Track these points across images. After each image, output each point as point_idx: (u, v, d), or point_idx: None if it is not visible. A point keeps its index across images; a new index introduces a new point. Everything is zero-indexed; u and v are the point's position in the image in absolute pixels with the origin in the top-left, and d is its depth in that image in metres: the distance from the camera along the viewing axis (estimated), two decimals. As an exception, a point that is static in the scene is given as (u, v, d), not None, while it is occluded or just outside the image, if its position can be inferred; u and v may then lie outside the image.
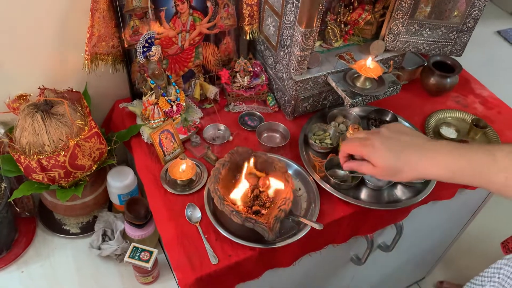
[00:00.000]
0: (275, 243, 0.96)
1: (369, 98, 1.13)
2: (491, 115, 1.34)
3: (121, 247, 1.16)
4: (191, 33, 1.17)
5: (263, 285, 1.14)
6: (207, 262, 0.94)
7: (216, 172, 1.00)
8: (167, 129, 1.11)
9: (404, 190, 1.10)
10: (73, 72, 1.16)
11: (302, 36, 1.03)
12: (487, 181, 0.77)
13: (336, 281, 1.46)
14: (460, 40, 1.19)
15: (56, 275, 1.16)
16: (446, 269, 2.07)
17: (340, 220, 1.05)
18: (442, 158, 0.80)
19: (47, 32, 1.08)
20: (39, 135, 1.00)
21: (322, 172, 1.09)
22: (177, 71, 1.23)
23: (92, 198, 1.18)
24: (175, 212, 1.03)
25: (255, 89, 1.25)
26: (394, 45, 1.20)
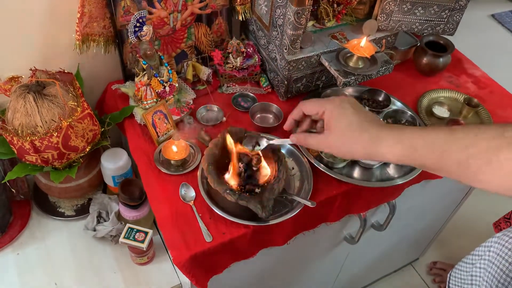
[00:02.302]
0: (269, 220, 0.97)
1: (362, 78, 1.13)
2: (483, 94, 1.34)
3: (116, 228, 1.16)
4: (183, 13, 1.16)
5: (257, 265, 1.15)
6: (202, 240, 0.95)
7: (209, 152, 1.01)
8: (160, 110, 1.11)
9: (397, 168, 1.11)
10: (65, 54, 1.15)
11: (294, 14, 1.03)
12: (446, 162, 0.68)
13: (330, 261, 1.47)
14: (453, 19, 1.19)
15: (51, 257, 1.17)
16: (440, 249, 2.09)
17: (333, 198, 1.06)
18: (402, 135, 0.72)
19: (37, 12, 1.07)
20: (32, 116, 1.00)
21: (315, 152, 1.10)
22: (170, 52, 1.22)
23: (86, 180, 1.18)
24: (169, 192, 1.03)
25: (248, 70, 1.25)
26: (387, 24, 1.20)
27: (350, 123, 0.75)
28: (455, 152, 0.66)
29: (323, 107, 0.79)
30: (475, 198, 1.75)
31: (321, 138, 0.79)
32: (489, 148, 0.63)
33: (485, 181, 0.66)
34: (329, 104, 0.78)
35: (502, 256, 1.03)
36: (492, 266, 1.03)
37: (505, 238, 0.99)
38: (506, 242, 1.01)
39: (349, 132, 0.75)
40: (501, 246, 1.03)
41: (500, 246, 1.04)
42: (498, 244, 1.04)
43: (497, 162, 0.63)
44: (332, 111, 0.77)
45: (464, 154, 0.66)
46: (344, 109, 0.77)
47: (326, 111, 0.78)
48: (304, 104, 0.83)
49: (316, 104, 0.81)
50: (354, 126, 0.75)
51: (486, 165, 0.64)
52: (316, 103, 0.81)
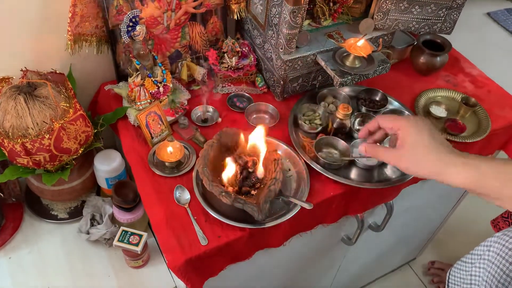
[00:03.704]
0: (265, 223, 0.95)
1: (359, 77, 1.12)
2: (481, 93, 1.33)
3: (110, 231, 1.15)
4: (177, 13, 1.15)
5: (253, 267, 1.14)
6: (197, 244, 0.93)
7: (204, 153, 0.99)
8: (154, 111, 1.09)
9: (394, 169, 1.10)
10: (57, 54, 1.13)
11: (290, 13, 1.02)
12: None
13: (327, 262, 1.46)
14: (450, 17, 1.17)
15: (44, 260, 1.15)
16: (437, 249, 2.09)
17: (330, 200, 1.05)
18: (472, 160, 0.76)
19: (28, 11, 1.05)
20: (23, 118, 0.98)
21: (311, 153, 1.09)
22: (163, 52, 1.20)
23: (79, 183, 1.17)
24: (164, 195, 1.02)
25: (243, 70, 1.23)
26: (384, 23, 1.19)
27: (423, 144, 0.78)
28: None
29: (399, 124, 0.83)
30: (471, 198, 1.74)
31: (392, 153, 0.83)
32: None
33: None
34: (406, 122, 0.82)
35: (502, 256, 1.03)
36: (492, 266, 1.02)
37: (505, 238, 0.99)
38: (507, 242, 1.00)
39: (420, 152, 0.78)
40: (501, 245, 1.03)
41: (500, 246, 1.03)
42: (498, 243, 1.03)
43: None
44: (408, 130, 0.81)
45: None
46: (420, 129, 0.80)
47: (401, 129, 0.82)
48: (382, 118, 0.87)
49: (393, 120, 0.84)
50: (426, 148, 0.78)
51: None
52: (393, 120, 0.85)
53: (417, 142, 0.79)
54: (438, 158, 0.77)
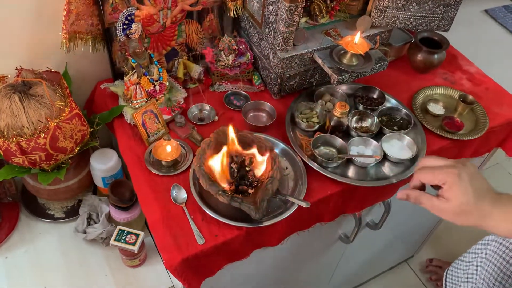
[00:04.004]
0: (262, 222, 0.95)
1: (356, 75, 1.11)
2: (479, 91, 1.33)
3: (107, 231, 1.14)
4: (173, 10, 1.14)
5: (251, 266, 1.13)
6: (194, 243, 0.93)
7: (201, 152, 0.99)
8: (150, 110, 1.09)
9: (392, 167, 1.10)
10: (52, 52, 1.13)
11: (287, 11, 1.01)
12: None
13: (325, 260, 1.46)
14: (447, 14, 1.17)
15: (41, 260, 1.14)
16: (435, 246, 2.09)
17: (327, 198, 1.04)
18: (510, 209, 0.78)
19: (22, 9, 1.05)
20: (18, 117, 0.97)
21: (309, 151, 1.08)
22: (160, 50, 1.19)
23: (75, 182, 1.16)
24: (160, 194, 1.01)
25: (240, 68, 1.22)
26: (381, 20, 1.18)
27: (467, 200, 0.79)
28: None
29: (442, 180, 0.81)
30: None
31: (436, 203, 0.82)
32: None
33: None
34: (449, 177, 0.80)
35: (499, 254, 1.03)
36: (489, 264, 1.02)
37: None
38: (504, 241, 1.00)
39: (466, 206, 0.79)
40: (499, 244, 1.03)
41: (498, 244, 1.03)
42: (496, 242, 1.03)
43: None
44: (452, 185, 0.80)
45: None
46: (463, 182, 0.79)
47: (446, 184, 0.80)
48: (422, 174, 0.83)
49: (434, 176, 0.82)
50: (471, 201, 0.79)
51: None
52: (434, 175, 0.82)
53: (463, 198, 0.79)
54: (479, 214, 0.79)
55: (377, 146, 1.10)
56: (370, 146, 1.11)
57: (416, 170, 0.85)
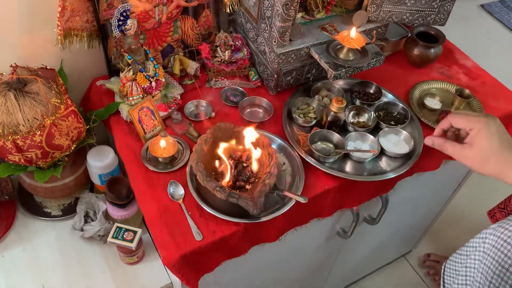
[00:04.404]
0: (260, 217, 0.95)
1: (353, 70, 1.11)
2: (475, 85, 1.33)
3: (104, 228, 1.14)
4: (168, 6, 1.13)
5: (250, 262, 1.13)
6: (191, 239, 0.93)
7: (198, 148, 0.98)
8: (147, 106, 1.08)
9: (389, 162, 1.10)
10: (47, 49, 1.12)
11: (283, 6, 1.01)
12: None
13: (323, 255, 1.46)
14: (444, 8, 1.17)
15: (38, 258, 1.14)
16: (433, 241, 2.09)
17: (325, 193, 1.05)
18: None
19: (17, 6, 1.04)
20: (13, 114, 0.96)
21: (306, 146, 1.08)
22: (155, 46, 1.19)
23: (72, 179, 1.16)
24: (157, 190, 1.01)
25: (236, 64, 1.22)
26: (377, 15, 1.18)
27: (491, 146, 0.84)
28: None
29: (471, 125, 0.87)
30: (467, 189, 1.75)
31: (459, 149, 0.88)
32: None
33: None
34: (478, 123, 0.86)
35: (497, 247, 1.02)
36: (487, 258, 1.02)
37: (501, 230, 0.98)
38: (502, 234, 1.00)
39: (488, 153, 0.84)
40: (497, 237, 1.02)
41: (496, 238, 1.03)
42: (494, 235, 1.03)
43: None
44: (479, 131, 0.85)
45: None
46: (490, 131, 0.85)
47: (473, 129, 0.86)
48: (454, 117, 0.90)
49: (465, 120, 0.88)
50: (495, 149, 0.83)
51: None
52: (465, 119, 0.88)
53: (487, 144, 0.84)
54: (503, 161, 0.83)
55: (374, 141, 1.09)
56: (367, 141, 1.11)
57: (449, 115, 0.91)
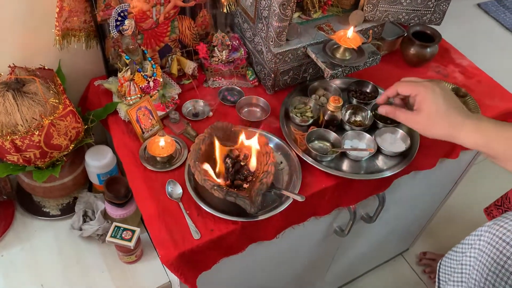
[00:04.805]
0: (258, 216, 0.96)
1: (349, 69, 1.12)
2: (471, 84, 1.34)
3: (103, 227, 1.14)
4: (166, 6, 1.14)
5: (247, 260, 1.14)
6: (189, 238, 0.93)
7: (196, 147, 0.99)
8: (145, 106, 1.09)
9: (385, 160, 1.10)
10: (45, 50, 1.12)
11: (279, 6, 1.01)
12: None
13: (321, 254, 1.47)
14: (439, 8, 1.18)
15: (37, 258, 1.14)
16: (430, 239, 2.10)
17: (322, 192, 1.05)
18: (482, 125, 0.84)
19: (14, 7, 1.04)
20: (11, 114, 0.97)
21: (303, 145, 1.09)
22: (153, 46, 1.19)
23: (71, 179, 1.16)
24: (156, 189, 1.01)
25: (234, 63, 1.23)
26: (373, 14, 1.19)
27: (438, 110, 0.86)
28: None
29: (417, 90, 0.89)
30: (463, 187, 1.76)
31: (409, 115, 0.90)
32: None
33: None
34: (423, 88, 0.88)
35: (492, 245, 1.03)
36: (482, 255, 1.03)
37: (496, 227, 0.99)
38: (497, 231, 1.01)
39: (436, 116, 0.86)
40: (492, 235, 1.03)
41: (491, 235, 1.03)
42: (489, 233, 1.04)
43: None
44: (425, 95, 0.87)
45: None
46: (436, 94, 0.87)
47: (419, 94, 0.89)
48: (400, 85, 0.93)
49: (410, 86, 0.91)
50: (441, 112, 0.86)
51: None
52: (410, 86, 0.91)
53: (433, 108, 0.86)
54: (451, 123, 0.85)
55: (371, 139, 1.10)
56: (364, 139, 1.11)
57: (396, 83, 0.93)
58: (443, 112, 0.86)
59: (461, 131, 0.85)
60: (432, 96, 0.87)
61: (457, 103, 0.88)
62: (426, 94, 0.87)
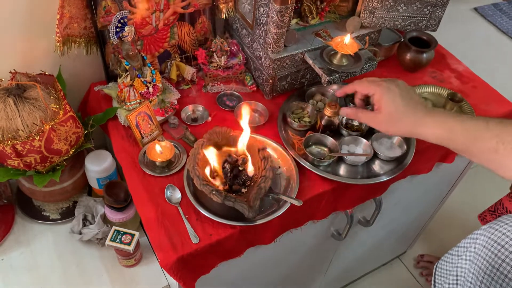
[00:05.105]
0: (256, 220, 0.97)
1: (346, 75, 1.13)
2: (467, 89, 1.36)
3: (102, 231, 1.15)
4: (165, 13, 1.15)
5: (245, 264, 1.15)
6: (188, 242, 0.94)
7: (195, 152, 1.00)
8: (144, 111, 1.10)
9: (382, 165, 1.12)
10: (46, 55, 1.14)
11: (277, 13, 1.03)
12: (478, 146, 0.80)
13: (318, 257, 1.48)
14: (435, 14, 1.19)
15: (37, 261, 1.15)
16: (427, 242, 2.12)
17: (319, 196, 1.06)
18: (443, 119, 0.84)
19: (16, 13, 1.05)
20: (12, 120, 0.98)
21: (301, 150, 1.10)
22: (153, 52, 1.21)
23: (70, 183, 1.17)
24: (155, 194, 1.03)
25: (232, 69, 1.24)
26: (370, 21, 1.21)
27: (397, 106, 0.86)
28: (487, 138, 0.78)
29: (373, 89, 0.90)
30: (460, 191, 1.77)
31: (370, 116, 0.91)
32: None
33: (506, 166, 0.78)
34: (379, 87, 0.89)
35: (488, 248, 1.04)
36: (478, 258, 1.04)
37: (491, 231, 1.01)
38: (492, 235, 1.02)
39: (396, 114, 0.86)
40: (487, 238, 1.04)
41: (486, 238, 1.05)
42: (484, 236, 1.05)
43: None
44: (382, 95, 0.88)
45: (494, 140, 0.77)
46: (392, 92, 0.87)
47: (376, 94, 0.89)
48: (358, 84, 0.94)
49: (367, 86, 0.92)
50: (400, 109, 0.86)
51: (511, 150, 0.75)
52: (367, 85, 0.92)
53: (392, 106, 0.86)
54: (411, 119, 0.85)
55: (367, 144, 1.12)
56: (361, 144, 1.13)
57: (355, 81, 0.94)
58: (402, 109, 0.86)
59: (422, 126, 0.85)
60: (388, 95, 0.87)
61: (416, 99, 0.88)
62: (382, 93, 0.88)
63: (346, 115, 0.98)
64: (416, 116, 0.85)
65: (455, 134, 0.82)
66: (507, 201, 1.60)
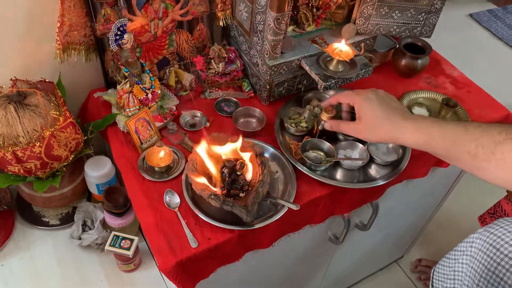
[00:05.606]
0: (254, 224, 0.98)
1: (342, 81, 1.15)
2: (461, 94, 1.37)
3: (102, 236, 1.16)
4: (164, 20, 1.17)
5: (244, 268, 1.16)
6: (187, 246, 0.95)
7: (193, 157, 1.01)
8: (143, 117, 1.11)
9: (378, 169, 1.13)
10: (46, 63, 1.15)
11: (274, 20, 1.04)
12: (458, 150, 0.80)
13: (316, 261, 1.49)
14: (429, 21, 1.21)
15: (37, 267, 1.16)
16: (424, 246, 2.13)
17: (316, 200, 1.08)
18: (422, 124, 0.85)
19: (16, 21, 1.07)
20: (13, 126, 0.99)
21: (298, 155, 1.11)
22: (151, 59, 1.22)
23: (70, 189, 1.18)
24: (154, 199, 1.04)
25: (230, 75, 1.26)
26: (365, 28, 1.22)
27: (377, 114, 0.88)
28: (466, 142, 0.78)
29: (353, 100, 0.93)
30: (457, 194, 1.78)
31: (352, 126, 0.94)
32: (494, 141, 0.75)
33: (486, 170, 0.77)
34: (358, 97, 0.92)
35: (484, 251, 1.05)
36: (474, 262, 1.05)
37: (487, 234, 1.02)
38: (488, 238, 1.03)
39: (375, 122, 0.89)
40: (483, 241, 1.05)
41: (482, 242, 1.06)
42: (480, 239, 1.06)
43: (501, 153, 0.74)
44: (361, 104, 0.91)
45: (473, 144, 0.77)
46: (370, 100, 0.90)
47: (355, 103, 0.92)
48: (339, 95, 0.98)
49: (346, 96, 0.96)
50: (380, 117, 0.88)
51: (490, 154, 0.75)
52: (347, 96, 0.96)
53: (372, 114, 0.89)
54: (391, 126, 0.87)
55: (364, 149, 1.13)
56: (357, 149, 1.14)
57: (337, 93, 0.99)
58: (382, 117, 0.88)
59: (402, 132, 0.86)
60: (366, 103, 0.90)
61: (394, 105, 0.90)
62: (361, 102, 0.91)
63: (329, 127, 1.01)
64: (395, 121, 0.87)
65: (433, 139, 0.83)
66: (505, 203, 1.62)
